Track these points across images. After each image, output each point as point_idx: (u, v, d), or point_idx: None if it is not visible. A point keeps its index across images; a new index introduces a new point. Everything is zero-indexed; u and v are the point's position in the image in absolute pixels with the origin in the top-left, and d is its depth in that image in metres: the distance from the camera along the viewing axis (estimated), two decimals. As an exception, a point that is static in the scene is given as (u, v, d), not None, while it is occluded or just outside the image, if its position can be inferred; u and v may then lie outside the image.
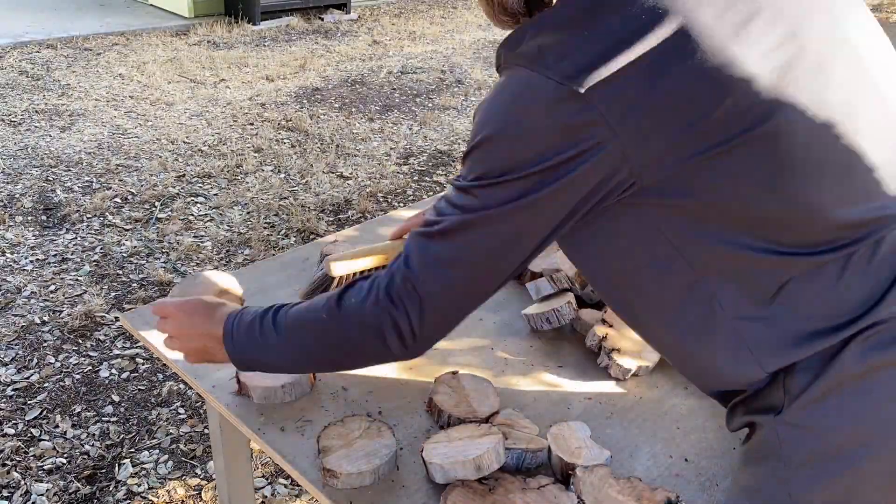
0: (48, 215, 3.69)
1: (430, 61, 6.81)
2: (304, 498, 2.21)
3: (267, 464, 2.31)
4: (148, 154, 4.44)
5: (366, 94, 5.78)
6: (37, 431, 2.38)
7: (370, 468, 1.07)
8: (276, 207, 3.90)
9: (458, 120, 5.37)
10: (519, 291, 1.61)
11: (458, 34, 7.92)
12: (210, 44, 6.85)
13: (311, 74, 6.16)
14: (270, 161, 4.45)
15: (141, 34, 7.00)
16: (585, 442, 1.15)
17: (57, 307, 2.99)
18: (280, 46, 6.96)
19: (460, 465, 1.04)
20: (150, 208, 3.81)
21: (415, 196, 4.15)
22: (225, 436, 1.53)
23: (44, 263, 3.28)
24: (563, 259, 1.57)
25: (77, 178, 4.09)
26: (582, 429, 1.18)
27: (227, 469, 1.60)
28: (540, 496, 1.04)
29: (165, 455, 2.32)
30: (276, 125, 5.01)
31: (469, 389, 1.25)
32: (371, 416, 1.22)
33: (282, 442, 1.18)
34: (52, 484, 2.19)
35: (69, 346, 2.78)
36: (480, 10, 7.41)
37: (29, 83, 5.51)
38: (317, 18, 8.01)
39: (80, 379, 2.62)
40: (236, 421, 1.23)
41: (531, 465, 1.12)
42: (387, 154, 4.69)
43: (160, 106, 5.23)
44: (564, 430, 1.17)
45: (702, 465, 1.19)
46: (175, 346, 1.14)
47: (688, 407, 1.31)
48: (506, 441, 1.11)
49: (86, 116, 4.96)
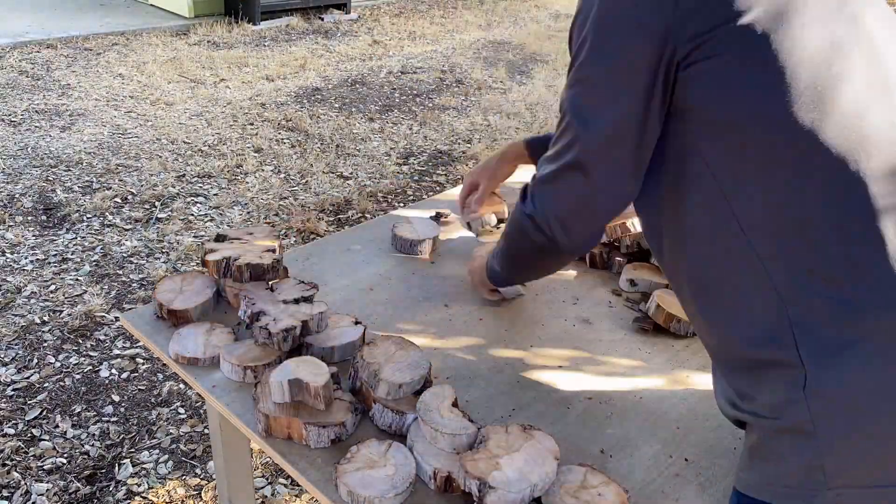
0: (48, 215, 3.69)
1: (430, 61, 6.81)
2: (304, 498, 2.21)
3: (267, 464, 2.31)
4: (148, 154, 4.44)
5: (366, 94, 5.79)
6: (37, 431, 2.38)
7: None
8: (276, 207, 3.90)
9: (458, 120, 5.37)
10: (520, 301, 1.61)
11: (458, 34, 7.92)
12: (210, 44, 6.85)
13: (311, 74, 6.16)
14: (270, 161, 4.45)
15: (141, 34, 7.00)
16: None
17: (57, 307, 2.99)
18: (280, 46, 6.96)
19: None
20: (150, 208, 3.81)
21: (415, 196, 4.15)
22: (225, 436, 1.54)
23: (44, 263, 3.28)
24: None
25: (77, 178, 4.09)
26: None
27: (227, 469, 1.60)
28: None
29: (165, 455, 2.32)
30: (276, 125, 5.01)
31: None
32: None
33: (282, 442, 1.18)
34: (52, 484, 2.19)
35: (69, 346, 2.78)
36: (480, 10, 7.38)
37: (29, 83, 5.51)
38: (317, 18, 8.01)
39: (80, 379, 2.62)
40: (236, 421, 1.23)
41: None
42: (387, 154, 4.69)
43: (160, 106, 5.23)
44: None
45: (702, 465, 1.19)
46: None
47: (688, 407, 1.31)
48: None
49: (86, 116, 4.96)
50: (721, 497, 1.13)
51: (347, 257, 1.74)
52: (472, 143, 4.94)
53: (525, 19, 8.92)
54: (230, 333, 1.39)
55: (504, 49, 7.42)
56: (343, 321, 1.42)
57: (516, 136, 5.07)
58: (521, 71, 6.70)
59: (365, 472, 1.08)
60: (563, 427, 1.24)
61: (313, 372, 1.19)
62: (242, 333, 1.42)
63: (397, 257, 1.76)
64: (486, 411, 1.27)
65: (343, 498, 1.06)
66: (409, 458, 1.11)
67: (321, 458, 1.14)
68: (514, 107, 5.70)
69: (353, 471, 1.08)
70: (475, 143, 4.95)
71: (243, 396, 1.27)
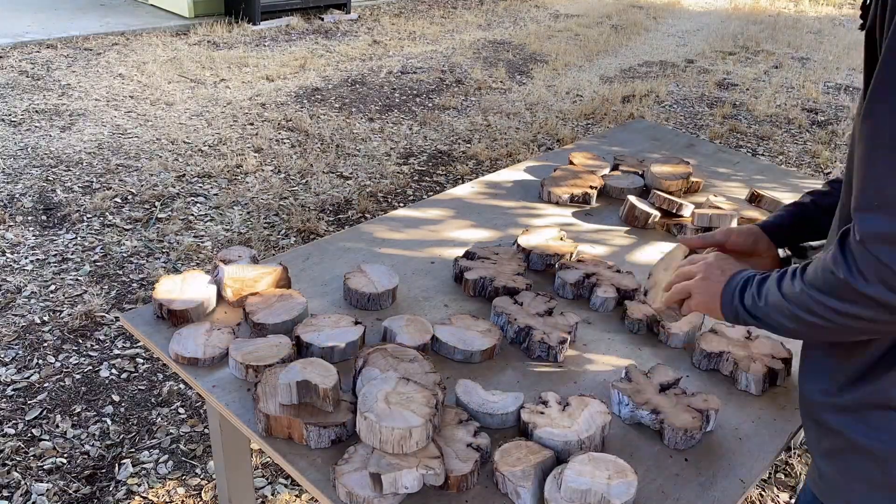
0: (48, 215, 3.69)
1: (430, 61, 6.81)
2: (303, 498, 2.21)
3: (267, 464, 2.31)
4: (148, 154, 4.44)
5: (366, 94, 5.78)
6: (37, 431, 2.38)
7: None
8: (276, 207, 3.90)
9: (458, 120, 5.37)
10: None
11: (458, 34, 7.91)
12: (210, 44, 6.85)
13: (311, 74, 6.16)
14: (270, 161, 4.45)
15: (141, 34, 7.00)
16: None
17: (57, 307, 2.99)
18: (280, 46, 6.96)
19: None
20: (150, 208, 3.81)
21: (415, 196, 4.15)
22: (225, 436, 1.54)
23: (44, 263, 3.28)
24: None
25: (77, 178, 4.08)
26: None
27: (227, 469, 1.60)
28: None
29: (165, 455, 2.32)
30: (276, 125, 5.01)
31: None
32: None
33: (282, 442, 1.18)
34: (52, 484, 2.19)
35: (69, 346, 2.78)
36: (480, 10, 7.40)
37: (29, 83, 5.50)
38: (317, 18, 8.01)
39: (80, 379, 2.62)
40: (236, 421, 1.23)
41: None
42: (387, 154, 4.69)
43: (160, 106, 5.23)
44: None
45: (702, 465, 1.19)
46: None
47: (688, 407, 1.31)
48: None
49: (86, 116, 4.96)
50: (721, 497, 1.13)
51: (347, 257, 1.74)
52: (472, 143, 4.94)
53: (525, 19, 8.92)
54: (230, 333, 1.39)
55: (504, 49, 7.42)
56: (343, 321, 1.42)
57: (516, 136, 5.07)
58: (521, 71, 6.70)
59: (363, 472, 1.08)
60: (563, 427, 1.24)
61: (321, 374, 1.19)
62: (242, 333, 1.42)
63: (397, 257, 1.76)
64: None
65: (342, 499, 1.06)
66: None
67: (321, 458, 1.15)
68: (514, 107, 5.70)
69: (351, 471, 1.08)
70: (475, 143, 4.95)
71: (243, 396, 1.27)
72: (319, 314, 1.44)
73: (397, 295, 1.59)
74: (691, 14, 9.86)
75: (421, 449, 1.08)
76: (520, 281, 1.61)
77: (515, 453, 1.12)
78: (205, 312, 1.48)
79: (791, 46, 8.28)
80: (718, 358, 1.42)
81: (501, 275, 1.62)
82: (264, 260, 1.66)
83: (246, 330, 1.44)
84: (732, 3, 10.82)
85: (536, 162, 2.38)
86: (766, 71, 7.23)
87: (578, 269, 1.66)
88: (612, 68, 6.98)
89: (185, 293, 1.47)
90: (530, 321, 1.45)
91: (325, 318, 1.42)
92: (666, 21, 9.32)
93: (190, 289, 1.49)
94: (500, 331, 1.45)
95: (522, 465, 1.09)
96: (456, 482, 1.08)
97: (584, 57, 7.28)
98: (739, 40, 8.38)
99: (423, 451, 1.08)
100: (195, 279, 1.53)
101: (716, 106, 6.04)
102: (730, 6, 10.58)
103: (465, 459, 1.10)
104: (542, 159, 2.41)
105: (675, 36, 8.51)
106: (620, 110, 5.72)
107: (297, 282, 1.62)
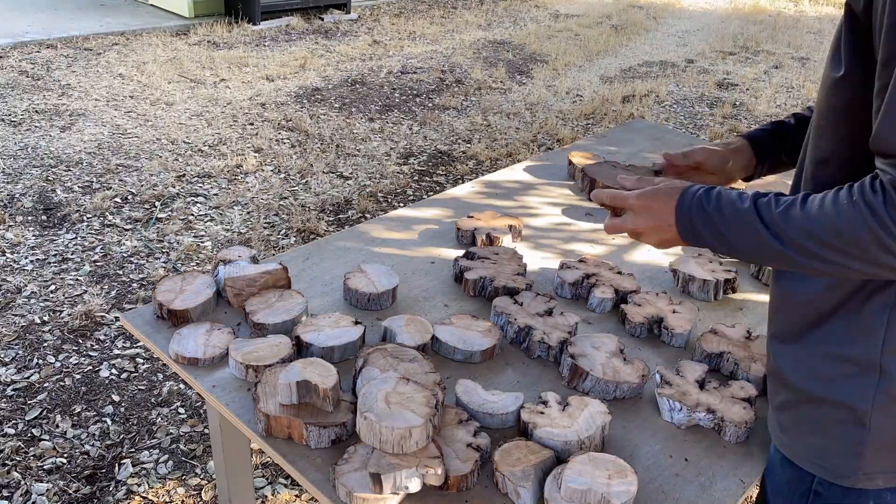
0: (48, 215, 3.69)
1: (430, 61, 6.81)
2: (303, 498, 2.21)
3: (267, 464, 2.31)
4: (148, 154, 4.44)
5: (366, 94, 5.78)
6: (37, 431, 2.38)
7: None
8: (276, 207, 3.90)
9: (458, 120, 5.37)
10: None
11: (458, 34, 7.91)
12: (210, 44, 6.85)
13: (311, 74, 6.16)
14: (270, 161, 4.45)
15: (141, 34, 7.00)
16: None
17: (57, 307, 2.99)
18: (280, 46, 6.96)
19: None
20: (150, 208, 3.81)
21: (415, 196, 4.15)
22: (225, 436, 1.54)
23: (44, 263, 3.28)
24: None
25: (77, 178, 4.08)
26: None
27: (227, 469, 1.60)
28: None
29: (165, 455, 2.32)
30: (276, 125, 5.01)
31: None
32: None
33: (282, 442, 1.18)
34: (52, 484, 2.19)
35: (69, 345, 2.78)
36: (480, 10, 7.40)
37: (29, 83, 5.50)
38: (317, 18, 8.01)
39: (80, 379, 2.62)
40: (236, 421, 1.23)
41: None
42: (387, 154, 4.69)
43: (160, 106, 5.23)
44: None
45: (702, 465, 1.19)
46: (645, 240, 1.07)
47: (688, 407, 1.31)
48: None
49: (86, 116, 4.96)
50: (721, 497, 1.13)
51: (347, 257, 1.74)
52: (472, 143, 4.94)
53: (525, 19, 8.92)
54: (230, 333, 1.39)
55: (504, 49, 7.42)
56: (343, 321, 1.42)
57: (516, 136, 5.07)
58: (521, 71, 6.70)
59: (363, 472, 1.08)
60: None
61: (321, 374, 1.19)
62: (242, 333, 1.42)
63: (397, 257, 1.76)
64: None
65: (342, 499, 1.06)
66: None
67: (321, 458, 1.15)
68: (513, 107, 5.70)
69: (351, 471, 1.08)
70: (475, 143, 4.95)
71: (243, 396, 1.27)
72: (319, 314, 1.44)
73: (397, 295, 1.59)
74: (691, 14, 9.86)
75: (421, 449, 1.08)
76: (520, 281, 1.61)
77: (515, 453, 1.12)
78: (205, 312, 1.48)
79: (791, 46, 8.28)
80: (718, 358, 1.41)
81: (501, 275, 1.62)
82: (264, 260, 1.66)
83: (246, 330, 1.44)
84: (732, 3, 10.81)
85: (536, 162, 2.38)
86: (766, 71, 7.23)
87: (579, 270, 1.66)
88: (612, 68, 6.98)
89: (185, 293, 1.47)
90: (530, 321, 1.46)
91: (325, 318, 1.42)
92: (666, 21, 9.32)
93: (190, 289, 1.49)
94: (500, 331, 1.45)
95: (522, 465, 1.09)
96: (456, 482, 1.08)
97: (584, 57, 7.28)
98: (739, 40, 8.38)
99: (423, 451, 1.08)
100: (195, 279, 1.53)
101: (716, 106, 6.04)
102: (730, 6, 10.58)
103: (465, 459, 1.10)
104: (542, 159, 2.41)
105: (675, 36, 8.51)
106: (620, 110, 5.72)
107: (297, 282, 1.62)
